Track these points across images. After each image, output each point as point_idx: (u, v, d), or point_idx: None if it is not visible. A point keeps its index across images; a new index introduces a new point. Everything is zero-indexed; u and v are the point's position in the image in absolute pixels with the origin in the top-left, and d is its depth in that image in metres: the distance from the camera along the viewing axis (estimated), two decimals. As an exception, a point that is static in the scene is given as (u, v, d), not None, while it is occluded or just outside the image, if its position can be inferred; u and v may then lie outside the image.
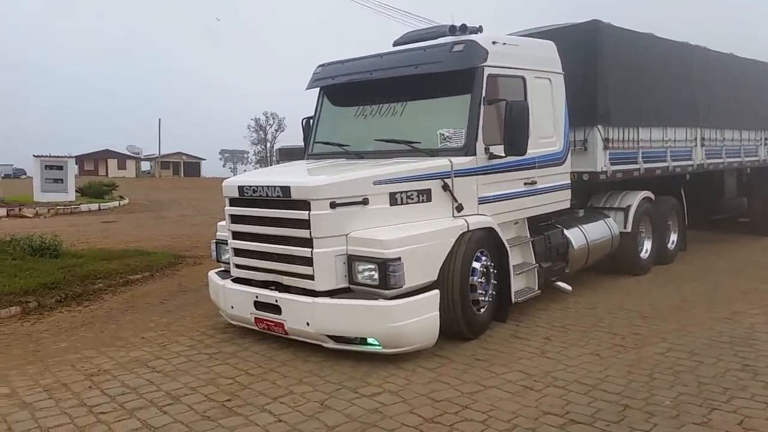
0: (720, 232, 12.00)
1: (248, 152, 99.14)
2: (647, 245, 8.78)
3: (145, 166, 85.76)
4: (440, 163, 5.59)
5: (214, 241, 6.49)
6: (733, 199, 11.56)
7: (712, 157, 10.12)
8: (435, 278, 5.24)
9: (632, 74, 8.28)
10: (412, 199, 5.43)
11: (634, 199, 8.45)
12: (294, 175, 5.81)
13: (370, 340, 5.06)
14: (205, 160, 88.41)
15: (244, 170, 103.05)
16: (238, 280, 5.88)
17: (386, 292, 4.94)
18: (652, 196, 8.84)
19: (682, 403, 4.15)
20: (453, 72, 5.79)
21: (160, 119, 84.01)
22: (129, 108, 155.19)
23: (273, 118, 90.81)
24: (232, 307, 5.83)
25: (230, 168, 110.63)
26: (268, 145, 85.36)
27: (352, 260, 5.09)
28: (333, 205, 5.08)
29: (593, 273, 8.24)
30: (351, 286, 5.15)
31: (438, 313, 5.16)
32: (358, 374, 4.84)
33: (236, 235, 5.81)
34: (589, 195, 8.48)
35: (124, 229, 15.83)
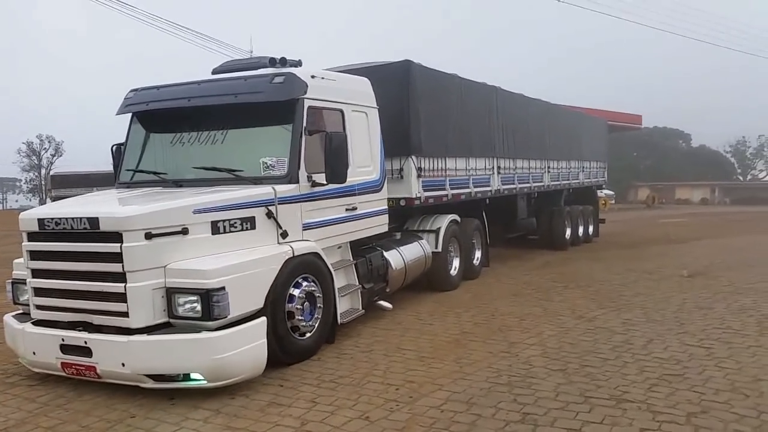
0: (513, 249, 13.27)
1: (20, 179, 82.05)
2: (456, 263, 9.29)
3: None
4: (264, 191, 5.36)
5: (10, 280, 5.52)
6: (524, 220, 12.84)
7: (507, 183, 11.10)
8: (261, 305, 4.97)
9: (440, 109, 8.80)
10: (236, 227, 5.12)
11: (443, 221, 8.92)
12: (102, 205, 5.13)
13: (193, 376, 4.61)
14: (-43, 189, 71.51)
15: (16, 200, 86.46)
16: (39, 323, 5.04)
17: (210, 323, 4.56)
18: (459, 219, 9.42)
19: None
20: (274, 103, 5.61)
21: None
22: None
23: (49, 142, 75.13)
24: (34, 353, 4.99)
25: None
26: (43, 171, 71.99)
27: (171, 293, 4.63)
28: (149, 236, 4.59)
29: (398, 294, 7.90)
30: (171, 320, 4.66)
31: (265, 340, 4.89)
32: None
33: (36, 273, 5.01)
34: (405, 219, 8.79)
35: None
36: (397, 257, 7.62)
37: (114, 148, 6.58)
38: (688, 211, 38.45)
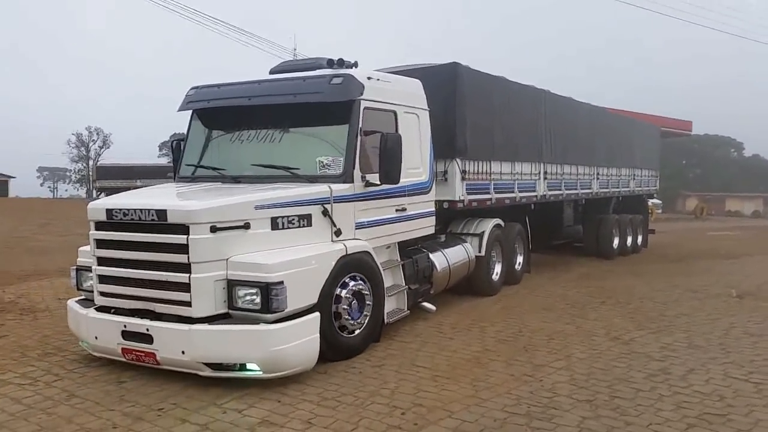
0: (557, 255, 13.37)
1: (70, 170, 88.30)
2: (498, 268, 9.45)
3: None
4: (320, 189, 5.67)
5: (74, 267, 5.95)
6: (570, 227, 12.94)
7: (553, 189, 11.21)
8: (315, 301, 5.26)
9: (486, 112, 8.98)
10: (293, 223, 5.43)
11: (487, 225, 9.08)
12: (169, 198, 5.53)
13: (249, 366, 4.93)
14: (14, 177, 71.61)
15: (66, 190, 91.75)
16: (102, 309, 5.42)
17: (268, 316, 4.87)
18: (503, 223, 9.58)
19: None
20: (331, 103, 5.93)
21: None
22: None
23: (97, 134, 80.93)
24: (96, 338, 5.37)
25: (49, 187, 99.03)
26: (90, 162, 75.51)
27: (232, 285, 4.95)
28: (213, 230, 4.92)
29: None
30: (230, 311, 4.99)
31: (318, 335, 5.18)
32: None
33: (102, 261, 5.39)
34: (449, 221, 9.00)
35: None
36: (441, 259, 7.85)
37: (174, 143, 7.02)
38: (738, 224, 37.54)
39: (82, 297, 5.90)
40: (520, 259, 10.30)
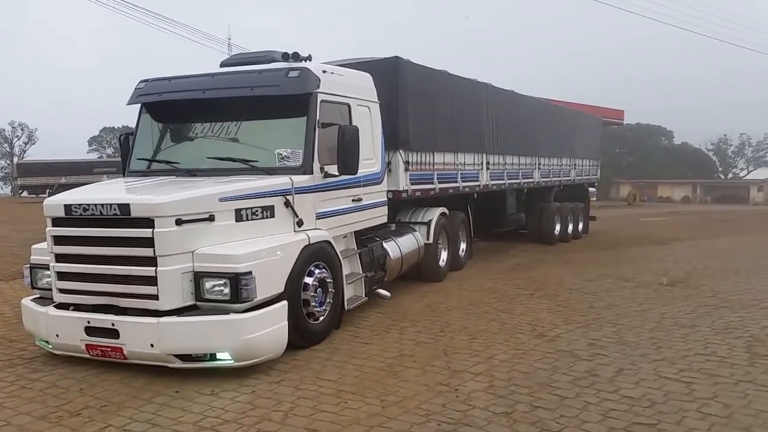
0: (501, 242, 14.28)
1: None
2: (444, 255, 10.20)
3: None
4: (282, 181, 6.07)
5: (28, 265, 6.08)
6: (513, 215, 13.88)
7: (496, 178, 12.04)
8: (282, 290, 5.67)
9: (429, 105, 9.59)
10: (257, 215, 5.81)
11: (434, 214, 9.78)
12: (129, 192, 5.78)
13: (219, 355, 5.27)
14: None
15: None
16: (61, 306, 5.62)
17: (238, 305, 5.23)
18: (448, 212, 10.28)
19: None
20: (289, 96, 6.32)
21: None
22: None
23: (21, 129, 78.79)
24: (58, 336, 5.56)
25: None
26: (15, 159, 74.12)
27: (199, 277, 5.27)
28: (179, 222, 5.22)
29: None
30: (197, 303, 5.31)
31: (286, 323, 5.60)
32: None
33: (61, 258, 5.58)
34: (397, 211, 9.57)
35: None
36: (394, 247, 8.43)
37: (122, 137, 7.21)
38: (669, 209, 40.32)
39: (37, 296, 6.05)
40: (463, 246, 11.08)
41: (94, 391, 5.00)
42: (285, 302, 5.62)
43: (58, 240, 5.57)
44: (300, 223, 6.20)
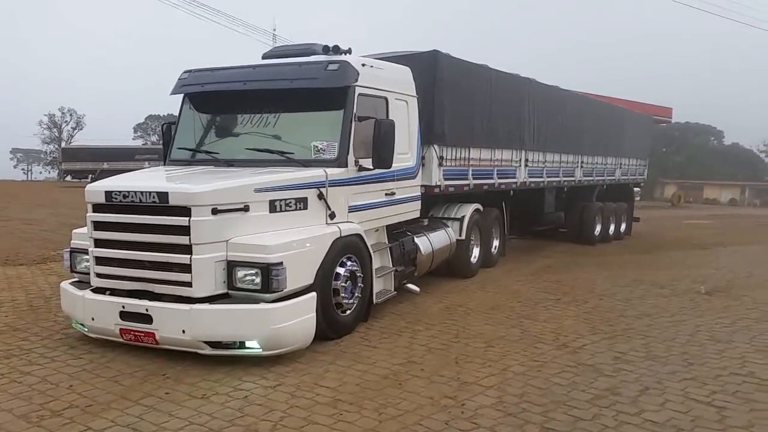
0: (538, 241, 14.13)
1: (44, 152, 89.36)
2: (476, 251, 10.19)
3: None
4: (316, 173, 6.15)
5: (68, 249, 6.31)
6: (552, 213, 13.71)
7: (534, 176, 11.91)
8: (311, 281, 5.77)
9: (466, 100, 9.53)
10: (290, 206, 5.91)
11: (467, 210, 9.76)
12: (168, 181, 5.95)
13: (248, 344, 5.40)
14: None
15: (40, 172, 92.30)
16: (98, 291, 5.82)
17: (268, 295, 5.34)
18: (481, 208, 10.25)
19: None
20: (327, 89, 6.40)
21: None
22: None
23: (70, 115, 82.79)
24: (93, 319, 5.76)
25: (23, 170, 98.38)
26: (63, 144, 77.47)
27: (232, 266, 5.39)
28: (215, 212, 5.35)
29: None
30: (229, 291, 5.44)
31: (314, 314, 5.70)
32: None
33: (99, 243, 5.77)
34: (430, 206, 9.57)
35: None
36: (425, 243, 8.45)
37: (164, 126, 7.41)
38: (715, 212, 39.19)
39: (76, 279, 6.28)
40: (496, 243, 11.04)
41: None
42: (314, 294, 5.71)
43: (98, 225, 5.75)
44: (332, 216, 6.27)
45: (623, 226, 16.54)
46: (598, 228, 14.97)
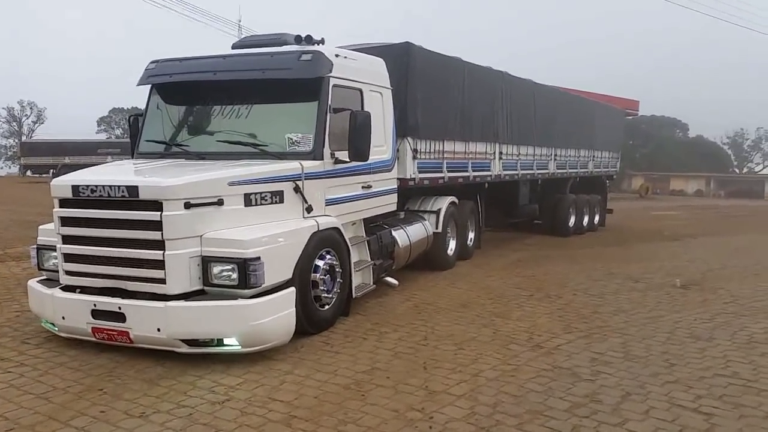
0: (512, 233, 14.26)
1: (5, 146, 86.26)
2: (452, 244, 10.23)
3: None
4: (292, 166, 6.07)
5: (35, 246, 6.12)
6: (526, 206, 13.83)
7: (509, 168, 12.00)
8: (290, 276, 5.69)
9: (440, 92, 9.55)
10: (266, 200, 5.82)
11: (443, 203, 9.79)
12: (138, 175, 5.79)
13: (227, 341, 5.30)
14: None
15: (0, 167, 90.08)
16: (68, 288, 5.66)
17: (245, 291, 5.24)
18: (457, 201, 10.28)
19: None
20: (300, 80, 6.30)
21: None
22: None
23: (30, 108, 79.85)
24: (63, 318, 5.59)
25: None
26: (23, 139, 75.28)
27: (207, 261, 5.28)
28: (187, 206, 5.23)
29: None
30: (204, 287, 5.33)
31: (294, 309, 5.62)
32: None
33: (68, 239, 5.60)
34: (406, 199, 9.56)
35: None
36: (403, 236, 8.45)
37: (131, 118, 7.22)
38: (682, 203, 40.08)
39: (44, 278, 6.09)
40: (471, 235, 11.10)
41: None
42: (293, 289, 5.64)
43: (66, 221, 5.58)
44: (309, 209, 6.21)
45: (597, 218, 16.84)
46: (572, 220, 15.17)
